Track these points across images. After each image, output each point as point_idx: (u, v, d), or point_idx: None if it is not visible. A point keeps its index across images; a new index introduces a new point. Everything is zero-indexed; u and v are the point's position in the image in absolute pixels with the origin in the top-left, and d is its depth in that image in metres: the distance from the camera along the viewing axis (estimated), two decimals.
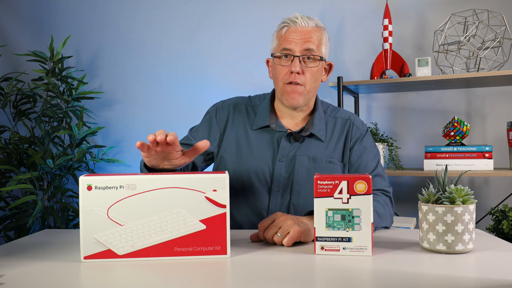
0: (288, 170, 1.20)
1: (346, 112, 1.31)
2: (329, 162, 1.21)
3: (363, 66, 2.30)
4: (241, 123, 1.27)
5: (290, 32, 1.18)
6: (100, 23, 2.63)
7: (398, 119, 2.29)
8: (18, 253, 0.93)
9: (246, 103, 1.31)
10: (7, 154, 2.28)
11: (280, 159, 1.21)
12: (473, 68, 2.01)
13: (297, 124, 1.26)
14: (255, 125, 1.25)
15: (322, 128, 1.24)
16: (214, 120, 1.29)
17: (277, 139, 1.23)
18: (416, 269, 0.77)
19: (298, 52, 1.17)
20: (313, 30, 1.20)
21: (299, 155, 1.21)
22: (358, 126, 1.28)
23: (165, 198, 0.84)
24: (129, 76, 2.59)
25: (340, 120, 1.28)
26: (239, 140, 1.25)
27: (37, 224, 2.18)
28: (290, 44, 1.17)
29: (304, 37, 1.17)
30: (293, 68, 1.16)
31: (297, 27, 1.18)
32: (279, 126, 1.24)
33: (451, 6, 2.16)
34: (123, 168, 2.59)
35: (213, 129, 1.28)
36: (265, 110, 1.26)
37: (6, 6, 2.70)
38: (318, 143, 1.23)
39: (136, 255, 0.84)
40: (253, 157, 1.22)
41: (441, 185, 0.89)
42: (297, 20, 1.19)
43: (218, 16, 2.49)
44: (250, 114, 1.28)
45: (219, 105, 1.32)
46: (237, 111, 1.29)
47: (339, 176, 0.86)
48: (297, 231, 0.93)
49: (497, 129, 2.13)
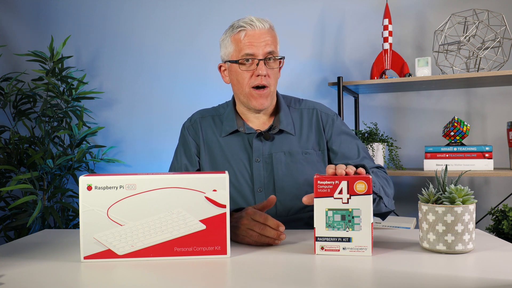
0: (267, 169, 1.21)
1: (310, 102, 1.33)
2: (305, 154, 1.23)
3: (363, 66, 2.30)
4: (210, 133, 1.28)
5: (248, 37, 1.18)
6: (100, 23, 2.63)
7: (398, 119, 2.29)
8: (18, 253, 0.93)
9: (211, 114, 1.32)
10: (7, 154, 2.28)
11: (256, 159, 1.22)
12: (473, 68, 2.01)
13: (264, 123, 1.27)
14: (224, 131, 1.26)
15: (289, 123, 1.25)
16: (188, 138, 1.30)
17: (248, 140, 1.24)
18: (416, 269, 0.77)
19: (261, 56, 1.17)
20: (269, 31, 1.20)
21: (275, 152, 1.22)
22: (326, 113, 1.30)
23: (165, 198, 0.84)
24: (129, 76, 2.59)
25: (306, 110, 1.29)
26: (212, 149, 1.26)
27: (37, 224, 2.18)
28: (251, 48, 1.17)
29: (264, 40, 1.17)
30: (260, 71, 1.16)
31: (255, 30, 1.18)
32: (247, 129, 1.25)
33: (451, 6, 2.16)
34: (123, 168, 2.59)
35: (191, 146, 1.29)
36: (231, 116, 1.27)
37: (6, 6, 2.70)
38: (289, 137, 1.24)
39: (136, 255, 0.84)
40: (230, 163, 1.23)
41: (441, 185, 0.89)
42: (253, 23, 1.18)
43: (218, 16, 2.49)
44: (217, 123, 1.30)
45: (187, 124, 1.33)
46: (204, 123, 1.31)
47: (339, 176, 0.86)
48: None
49: (497, 129, 2.13)
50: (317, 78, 2.36)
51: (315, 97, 2.33)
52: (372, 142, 2.06)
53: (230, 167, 1.22)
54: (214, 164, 1.25)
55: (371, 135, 2.09)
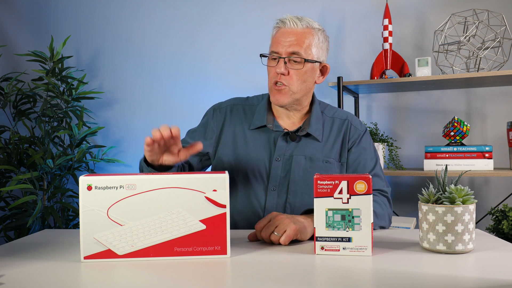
0: (284, 170, 1.21)
1: (344, 113, 1.32)
2: (326, 162, 1.22)
3: (363, 66, 2.30)
4: (238, 123, 1.28)
5: (279, 34, 1.20)
6: (100, 23, 2.63)
7: (398, 119, 2.29)
8: (18, 253, 0.93)
9: (243, 104, 1.32)
10: (7, 154, 2.28)
11: (276, 158, 1.22)
12: (473, 68, 2.01)
13: (294, 124, 1.27)
14: (252, 125, 1.26)
15: (318, 128, 1.24)
16: (210, 122, 1.30)
17: (274, 138, 1.24)
18: (416, 269, 0.77)
19: (284, 54, 1.18)
20: (302, 31, 1.19)
21: (296, 154, 1.22)
22: (356, 127, 1.28)
23: (165, 198, 0.84)
24: (129, 76, 2.59)
25: (338, 120, 1.28)
26: (237, 140, 1.26)
27: (37, 224, 2.18)
28: (277, 47, 1.19)
29: (291, 40, 1.18)
30: (278, 69, 1.18)
31: (286, 28, 1.19)
32: (276, 126, 1.24)
33: (451, 6, 2.16)
34: (123, 168, 2.59)
35: (208, 131, 1.30)
36: (263, 110, 1.27)
37: (6, 6, 2.70)
38: (314, 143, 1.23)
39: (136, 255, 0.84)
40: (250, 157, 1.23)
41: (441, 185, 0.89)
42: (286, 21, 1.19)
43: (218, 16, 2.49)
44: (248, 114, 1.29)
45: (217, 107, 1.34)
46: (234, 112, 1.31)
47: (339, 176, 0.86)
48: (294, 229, 0.94)
49: (497, 129, 2.13)
50: None
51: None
52: None
53: (250, 160, 1.22)
54: (236, 154, 1.24)
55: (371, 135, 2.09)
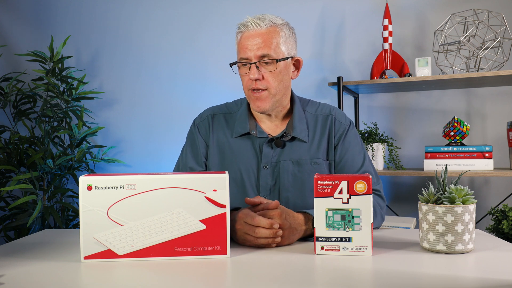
0: (273, 177, 1.18)
1: (327, 107, 1.27)
2: (314, 164, 1.19)
3: (363, 66, 2.30)
4: (221, 132, 1.24)
5: (244, 39, 1.15)
6: (100, 23, 2.63)
7: (398, 119, 2.29)
8: (18, 253, 0.93)
9: (223, 112, 1.28)
10: (7, 154, 2.28)
11: (264, 166, 1.18)
12: (473, 68, 2.01)
13: (277, 126, 1.23)
14: (235, 132, 1.22)
15: (303, 129, 1.21)
16: (198, 136, 1.26)
17: (259, 145, 1.20)
18: (416, 269, 0.77)
19: (254, 59, 1.13)
20: (267, 31, 1.14)
21: (283, 160, 1.18)
22: (340, 121, 1.24)
23: (165, 198, 0.84)
24: (129, 76, 2.59)
25: (321, 116, 1.24)
26: (222, 150, 1.23)
27: (37, 224, 2.18)
28: (245, 52, 1.14)
29: (258, 42, 1.13)
30: (251, 75, 1.13)
31: (250, 31, 1.15)
32: (259, 132, 1.20)
33: (451, 6, 2.16)
34: (123, 168, 2.58)
35: (200, 145, 1.25)
36: (244, 116, 1.23)
37: (6, 6, 2.70)
38: (301, 145, 1.20)
39: (136, 255, 0.84)
40: (239, 167, 1.20)
41: (441, 185, 0.89)
42: (248, 24, 1.15)
43: (218, 16, 2.49)
44: (229, 122, 1.25)
45: (198, 120, 1.29)
46: (215, 121, 1.27)
47: (339, 176, 0.86)
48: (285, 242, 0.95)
49: (497, 129, 2.13)
50: (317, 78, 2.36)
51: (315, 97, 2.32)
52: (372, 142, 2.06)
53: (239, 170, 1.19)
54: (223, 166, 1.21)
55: (371, 135, 2.09)
